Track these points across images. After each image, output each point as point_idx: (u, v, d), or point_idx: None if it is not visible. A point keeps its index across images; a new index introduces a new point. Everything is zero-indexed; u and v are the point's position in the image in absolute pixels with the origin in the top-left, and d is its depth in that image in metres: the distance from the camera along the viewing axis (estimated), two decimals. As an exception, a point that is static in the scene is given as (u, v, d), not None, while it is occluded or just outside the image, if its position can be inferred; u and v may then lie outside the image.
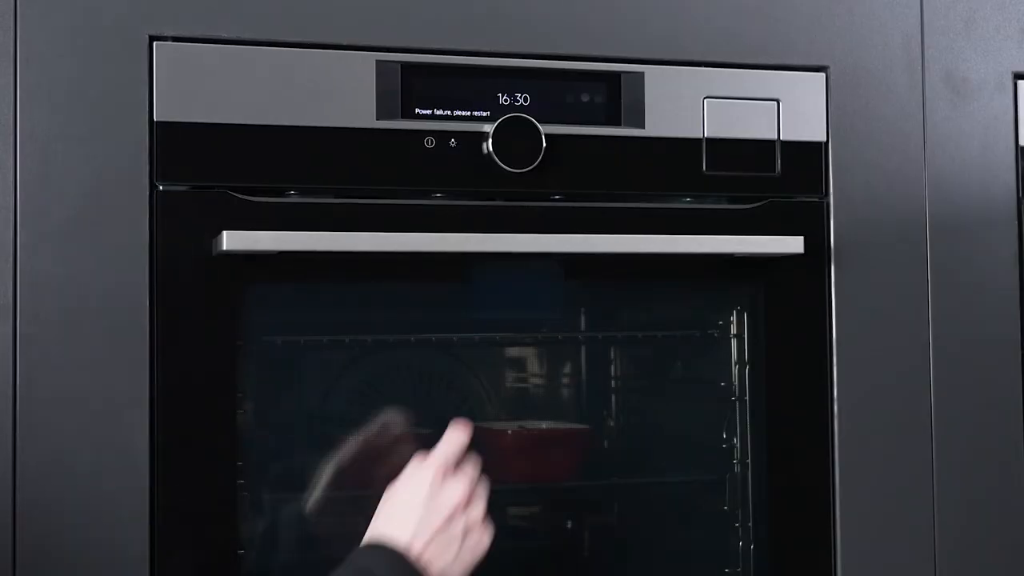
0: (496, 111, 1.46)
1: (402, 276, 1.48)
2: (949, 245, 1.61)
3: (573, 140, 1.49)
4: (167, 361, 1.35)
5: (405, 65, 1.44)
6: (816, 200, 1.58)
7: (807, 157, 1.57)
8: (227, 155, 1.38)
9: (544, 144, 1.46)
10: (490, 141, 1.45)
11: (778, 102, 1.56)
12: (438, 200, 1.46)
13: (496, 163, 1.45)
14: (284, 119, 1.40)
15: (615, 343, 1.76)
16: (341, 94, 1.42)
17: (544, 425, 1.72)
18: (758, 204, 1.56)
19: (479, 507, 1.34)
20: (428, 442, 1.31)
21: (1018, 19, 1.65)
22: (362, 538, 1.25)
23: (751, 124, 1.55)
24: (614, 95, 1.51)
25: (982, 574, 1.62)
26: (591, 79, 1.50)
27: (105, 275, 1.33)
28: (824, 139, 1.58)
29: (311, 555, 1.54)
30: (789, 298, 1.57)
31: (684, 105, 1.53)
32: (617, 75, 1.51)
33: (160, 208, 1.35)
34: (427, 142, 1.44)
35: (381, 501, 1.33)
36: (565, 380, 1.82)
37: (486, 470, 1.31)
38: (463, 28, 1.46)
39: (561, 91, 1.49)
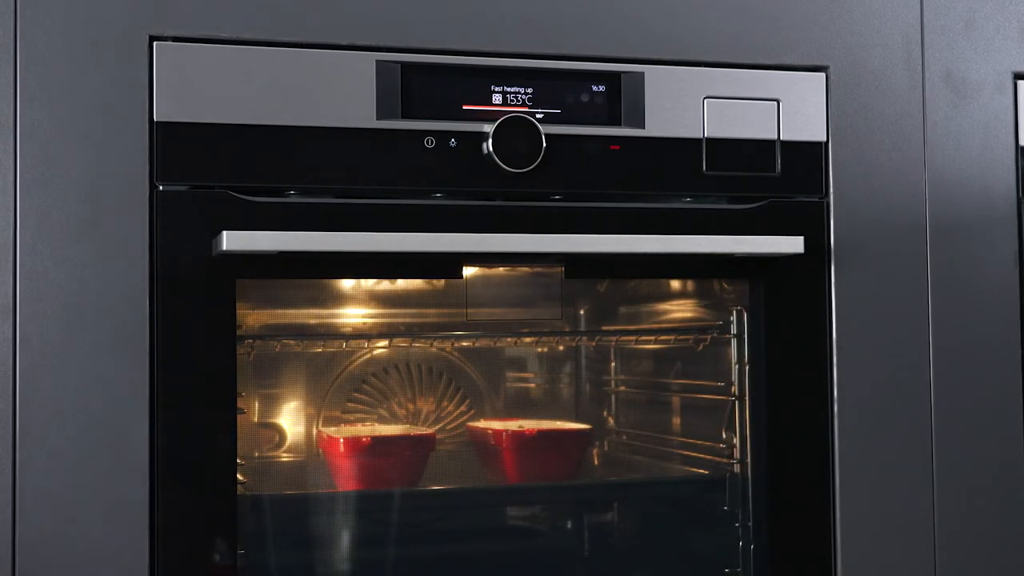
0: (496, 111, 1.46)
1: (402, 276, 1.48)
2: (949, 245, 1.61)
3: (573, 140, 1.49)
4: (167, 361, 1.35)
5: (405, 65, 1.44)
6: (816, 200, 1.58)
7: (807, 157, 1.57)
8: (227, 155, 1.38)
9: (544, 144, 1.46)
10: (490, 141, 1.45)
11: (778, 102, 1.56)
12: (438, 200, 1.46)
13: (496, 163, 1.45)
14: (284, 119, 1.40)
15: (615, 343, 1.76)
16: (341, 94, 1.42)
17: (544, 425, 1.72)
18: (758, 204, 1.56)
19: None
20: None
21: (1018, 19, 1.65)
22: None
23: (751, 124, 1.55)
24: (614, 95, 1.51)
25: (982, 573, 1.62)
26: (591, 79, 1.50)
27: (105, 275, 1.33)
28: (824, 139, 1.58)
29: (311, 555, 1.54)
30: (789, 298, 1.57)
31: (684, 105, 1.53)
32: (617, 75, 1.51)
33: (160, 208, 1.35)
34: (427, 142, 1.44)
35: None
36: (565, 380, 1.82)
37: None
38: (463, 28, 1.46)
39: (561, 91, 1.49)
